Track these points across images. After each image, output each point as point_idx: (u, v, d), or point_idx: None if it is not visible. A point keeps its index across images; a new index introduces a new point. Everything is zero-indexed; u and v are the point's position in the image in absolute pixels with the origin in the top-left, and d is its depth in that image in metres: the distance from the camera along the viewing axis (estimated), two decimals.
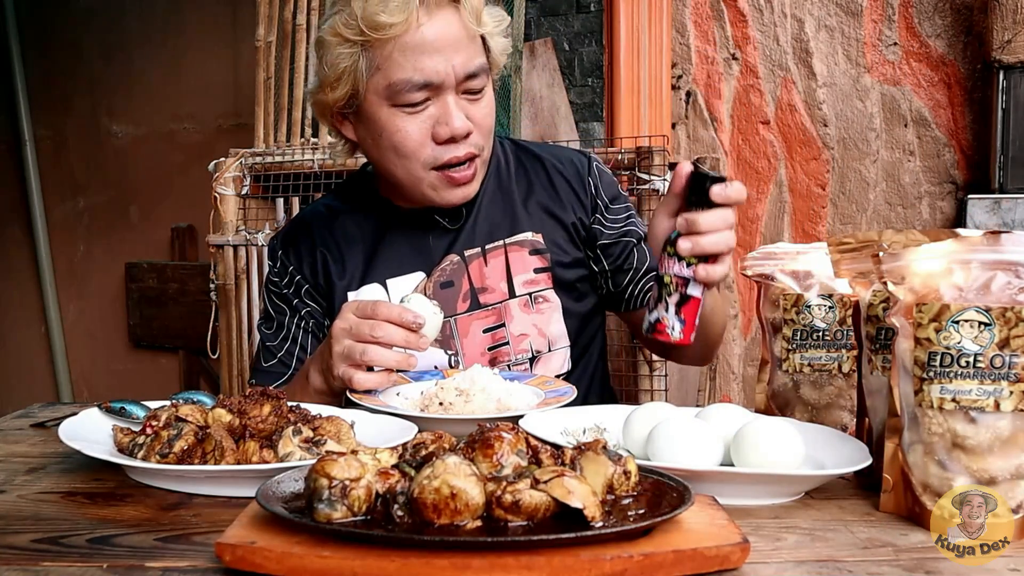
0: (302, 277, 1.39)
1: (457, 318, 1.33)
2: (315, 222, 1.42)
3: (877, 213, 2.62)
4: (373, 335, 1.09)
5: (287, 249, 1.41)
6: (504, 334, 1.33)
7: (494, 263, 1.35)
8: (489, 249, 1.35)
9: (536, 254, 1.35)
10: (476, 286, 1.34)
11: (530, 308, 1.34)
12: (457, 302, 1.34)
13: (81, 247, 3.68)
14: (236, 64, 3.38)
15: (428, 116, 1.23)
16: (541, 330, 1.34)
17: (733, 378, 2.69)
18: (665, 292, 1.02)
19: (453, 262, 1.35)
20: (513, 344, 1.33)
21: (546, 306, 1.35)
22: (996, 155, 2.40)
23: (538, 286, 1.35)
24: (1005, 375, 0.72)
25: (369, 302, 1.12)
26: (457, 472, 0.62)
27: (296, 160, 2.22)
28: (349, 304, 1.14)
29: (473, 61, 1.23)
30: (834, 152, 2.62)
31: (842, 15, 2.60)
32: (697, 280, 1.02)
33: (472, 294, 1.34)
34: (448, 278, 1.34)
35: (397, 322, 1.09)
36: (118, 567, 0.63)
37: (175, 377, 3.48)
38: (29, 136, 3.62)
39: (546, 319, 1.34)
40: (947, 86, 2.57)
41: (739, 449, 0.83)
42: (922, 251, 0.76)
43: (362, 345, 1.09)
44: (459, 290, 1.34)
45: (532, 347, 1.34)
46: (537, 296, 1.34)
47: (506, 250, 1.35)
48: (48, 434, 1.05)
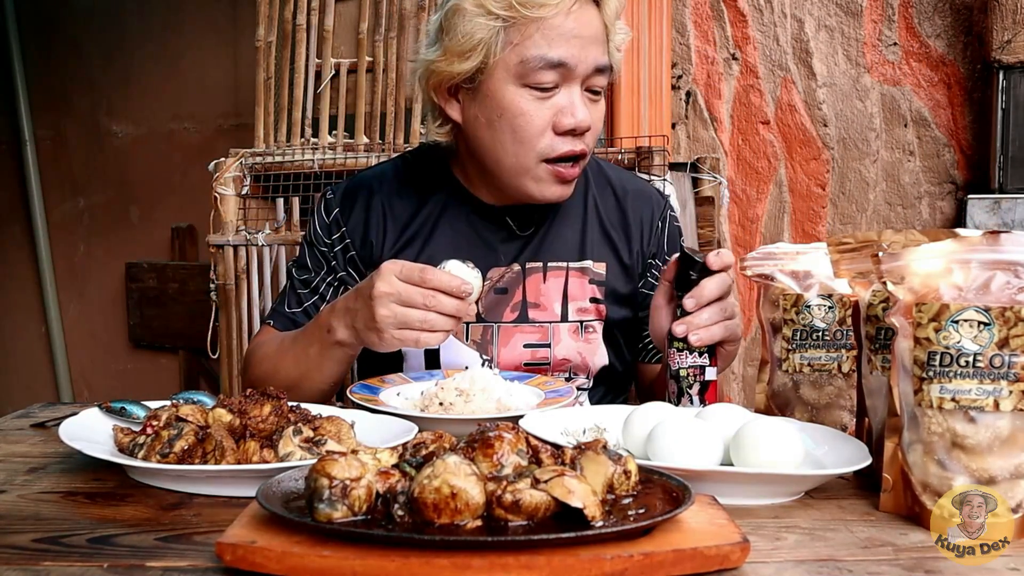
0: (351, 241, 1.35)
1: (501, 326, 1.31)
2: (378, 188, 1.37)
3: (877, 213, 2.62)
4: (427, 304, 1.07)
5: (344, 207, 1.37)
6: (547, 354, 1.32)
7: (553, 283, 1.33)
8: (551, 268, 1.33)
9: (595, 284, 1.35)
10: (529, 300, 1.32)
11: (579, 335, 1.33)
12: (505, 311, 1.32)
13: (81, 247, 3.68)
14: (236, 64, 3.37)
15: (553, 104, 1.21)
16: (584, 359, 1.33)
17: (733, 378, 2.69)
18: (685, 385, 1.07)
19: (513, 270, 1.33)
20: (553, 365, 1.32)
21: (593, 336, 1.34)
22: (996, 155, 2.40)
23: (589, 315, 1.34)
24: (1004, 375, 0.72)
25: (416, 267, 1.08)
26: (457, 472, 0.62)
27: (296, 160, 2.22)
28: (390, 267, 1.09)
29: (602, 60, 1.23)
30: (834, 152, 2.62)
31: (842, 15, 2.60)
32: (713, 364, 1.07)
33: (523, 307, 1.32)
34: (504, 285, 1.32)
35: (447, 290, 1.07)
36: (119, 567, 0.63)
37: (175, 377, 3.47)
38: (29, 136, 3.62)
39: (591, 349, 1.34)
40: (947, 86, 2.57)
41: (739, 449, 0.83)
42: (922, 251, 0.76)
43: (420, 312, 1.07)
44: (511, 299, 1.32)
45: (571, 372, 1.33)
46: (587, 325, 1.33)
47: (568, 273, 1.34)
48: (48, 434, 1.05)
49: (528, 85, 1.20)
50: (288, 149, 2.27)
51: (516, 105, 1.21)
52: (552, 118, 1.21)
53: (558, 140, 1.22)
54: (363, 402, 1.07)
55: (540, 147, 1.22)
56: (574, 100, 1.21)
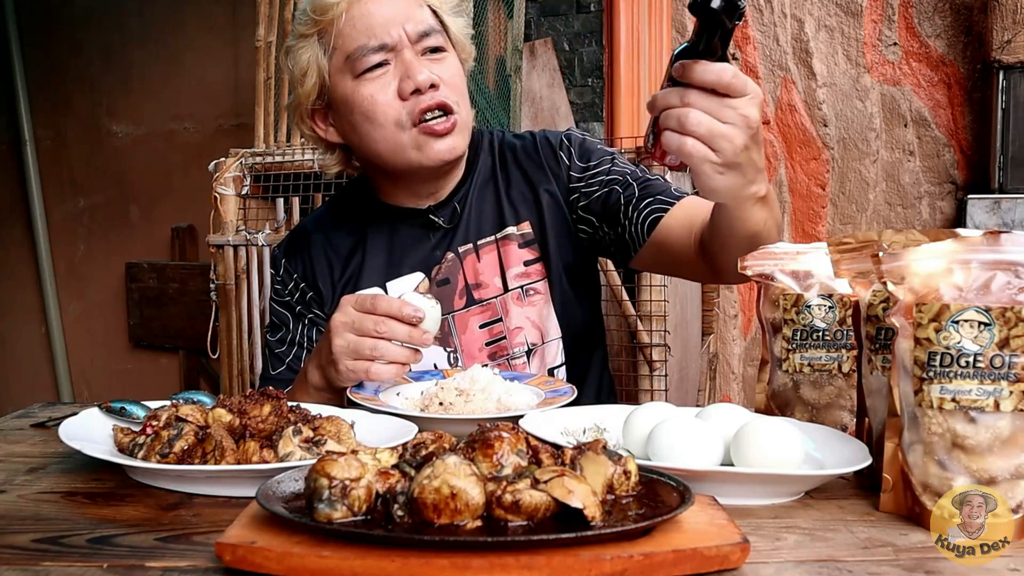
0: (306, 284, 1.39)
1: (455, 315, 1.34)
2: (315, 230, 1.43)
3: (877, 213, 2.62)
4: (377, 330, 1.08)
5: (290, 258, 1.42)
6: (502, 328, 1.34)
7: (487, 259, 1.35)
8: (481, 245, 1.35)
9: (527, 246, 1.35)
10: (470, 282, 1.34)
11: (523, 301, 1.34)
12: (454, 299, 1.34)
13: (81, 247, 3.69)
14: (236, 64, 3.38)
15: (391, 76, 1.26)
16: (534, 322, 1.34)
17: (733, 378, 2.69)
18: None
19: (448, 259, 1.35)
20: (510, 338, 1.33)
21: (537, 298, 1.35)
22: (996, 155, 2.40)
23: (530, 278, 1.35)
24: (1005, 375, 0.72)
25: (368, 296, 1.11)
26: (457, 472, 0.62)
27: (296, 160, 2.22)
28: (348, 298, 1.13)
29: (424, 22, 1.27)
30: (834, 152, 2.62)
31: (842, 15, 2.60)
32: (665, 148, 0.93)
33: (467, 290, 1.34)
34: (444, 275, 1.35)
35: (397, 316, 1.09)
36: (118, 567, 0.63)
37: (175, 377, 3.48)
38: (29, 136, 3.62)
39: (537, 311, 1.35)
40: (947, 86, 2.57)
41: (739, 449, 0.83)
42: (922, 251, 0.76)
43: (371, 341, 1.08)
44: (455, 287, 1.34)
45: (527, 340, 1.34)
46: (528, 288, 1.35)
47: (498, 245, 1.35)
48: (48, 434, 1.05)
49: (361, 74, 1.26)
50: (288, 149, 2.27)
51: (360, 95, 1.26)
52: (396, 89, 1.25)
53: (409, 103, 1.25)
54: (363, 402, 1.07)
55: (395, 117, 1.25)
56: (408, 63, 1.25)
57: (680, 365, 2.08)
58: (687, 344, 2.19)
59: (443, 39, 1.30)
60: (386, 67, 1.26)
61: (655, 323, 1.94)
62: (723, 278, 1.24)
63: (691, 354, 2.25)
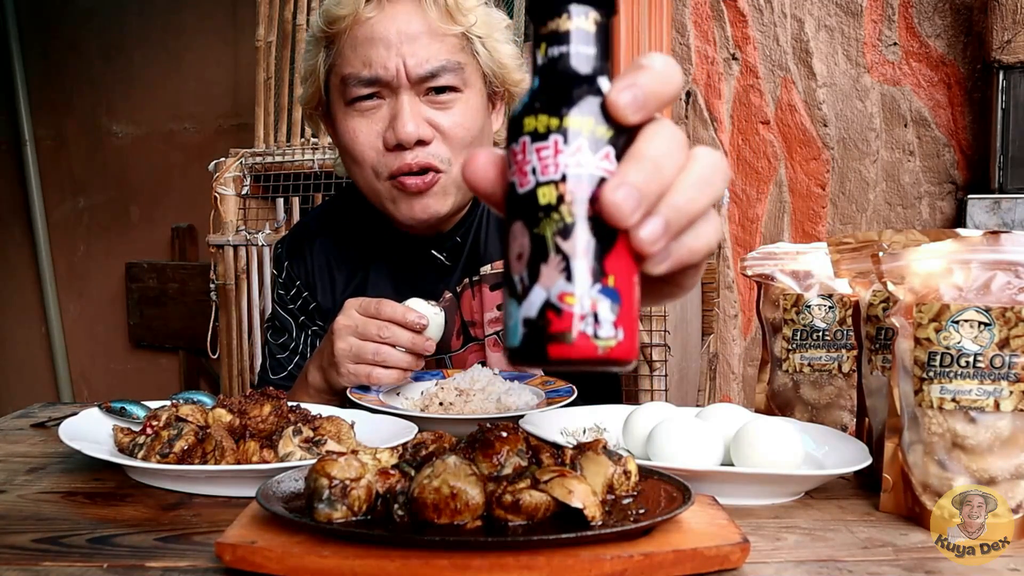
0: (309, 294, 1.35)
1: (453, 356, 1.28)
2: (319, 231, 1.37)
3: (877, 213, 2.62)
4: (381, 335, 1.07)
5: (292, 259, 1.37)
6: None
7: (479, 298, 1.27)
8: (474, 283, 1.27)
9: (497, 288, 1.25)
10: (467, 320, 1.28)
11: (498, 347, 1.25)
12: (452, 340, 1.28)
13: (81, 247, 3.68)
14: (236, 64, 3.38)
15: (380, 118, 1.15)
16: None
17: (733, 378, 2.69)
18: None
19: (446, 299, 1.28)
20: None
21: None
22: (996, 155, 2.40)
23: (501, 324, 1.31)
24: (1005, 375, 0.72)
25: (373, 300, 1.09)
26: (457, 472, 0.62)
27: (296, 160, 2.22)
28: (352, 301, 1.11)
29: (434, 60, 1.13)
30: (834, 152, 2.62)
31: (842, 15, 2.60)
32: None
33: (464, 329, 1.28)
34: None
35: (401, 322, 1.07)
36: (118, 567, 0.63)
37: (175, 377, 3.48)
38: (29, 136, 3.62)
39: None
40: (947, 86, 2.57)
41: (739, 449, 0.83)
42: (922, 251, 0.76)
43: (373, 345, 1.07)
44: (452, 327, 1.27)
45: None
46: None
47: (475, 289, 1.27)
48: (48, 434, 1.05)
49: (351, 103, 1.15)
50: (288, 149, 2.27)
51: (345, 124, 1.16)
52: (381, 134, 1.14)
53: (389, 156, 1.14)
54: (363, 402, 1.07)
55: (374, 165, 1.16)
56: (398, 112, 1.12)
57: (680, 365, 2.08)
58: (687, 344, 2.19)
59: (459, 78, 1.15)
60: (379, 101, 1.14)
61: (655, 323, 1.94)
62: None
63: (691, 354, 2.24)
